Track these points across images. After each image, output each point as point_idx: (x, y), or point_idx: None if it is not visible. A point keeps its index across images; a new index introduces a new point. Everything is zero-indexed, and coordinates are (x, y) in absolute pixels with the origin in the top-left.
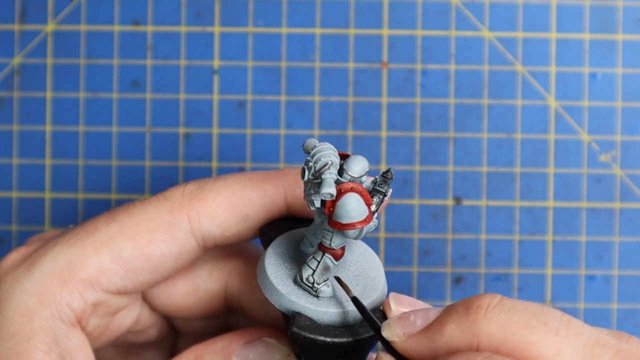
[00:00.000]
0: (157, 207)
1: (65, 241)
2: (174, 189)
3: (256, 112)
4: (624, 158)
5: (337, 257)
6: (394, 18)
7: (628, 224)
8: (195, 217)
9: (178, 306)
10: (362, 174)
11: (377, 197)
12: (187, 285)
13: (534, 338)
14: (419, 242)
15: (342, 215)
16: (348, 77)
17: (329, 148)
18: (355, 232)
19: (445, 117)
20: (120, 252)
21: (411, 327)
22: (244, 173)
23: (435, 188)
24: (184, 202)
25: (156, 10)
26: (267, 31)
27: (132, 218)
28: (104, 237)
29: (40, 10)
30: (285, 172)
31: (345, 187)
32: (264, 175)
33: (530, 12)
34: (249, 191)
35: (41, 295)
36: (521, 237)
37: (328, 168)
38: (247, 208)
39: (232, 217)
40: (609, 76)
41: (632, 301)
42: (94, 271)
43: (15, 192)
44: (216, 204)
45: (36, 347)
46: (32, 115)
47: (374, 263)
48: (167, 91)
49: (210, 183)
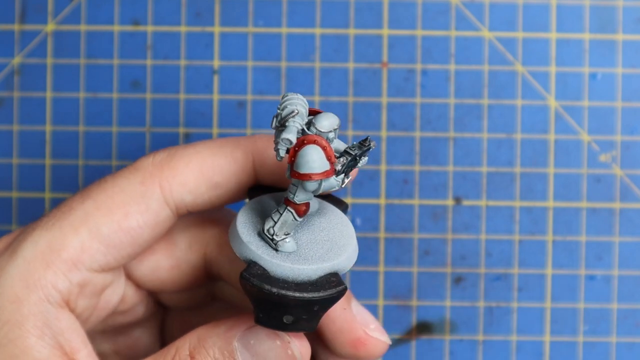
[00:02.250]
0: (128, 178)
1: (43, 225)
2: (144, 159)
3: (256, 112)
4: (624, 158)
5: (300, 213)
6: (394, 18)
7: (628, 224)
8: (166, 185)
9: (163, 281)
10: (330, 130)
11: (345, 157)
12: (170, 259)
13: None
14: (419, 242)
15: (301, 165)
16: (348, 77)
17: (298, 98)
18: (312, 185)
19: (445, 117)
20: (99, 229)
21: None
22: (214, 140)
23: (435, 188)
24: (155, 171)
25: (156, 10)
26: (267, 31)
27: (105, 193)
28: (81, 215)
29: (40, 10)
30: (254, 138)
31: (309, 139)
32: (234, 142)
33: (530, 12)
34: (219, 158)
35: (27, 280)
36: (521, 237)
37: (293, 116)
38: (217, 175)
39: (202, 184)
40: (609, 76)
41: (632, 301)
42: (75, 251)
43: (15, 192)
44: (187, 171)
45: (29, 333)
46: (32, 115)
47: (347, 232)
48: (167, 91)
49: (180, 150)
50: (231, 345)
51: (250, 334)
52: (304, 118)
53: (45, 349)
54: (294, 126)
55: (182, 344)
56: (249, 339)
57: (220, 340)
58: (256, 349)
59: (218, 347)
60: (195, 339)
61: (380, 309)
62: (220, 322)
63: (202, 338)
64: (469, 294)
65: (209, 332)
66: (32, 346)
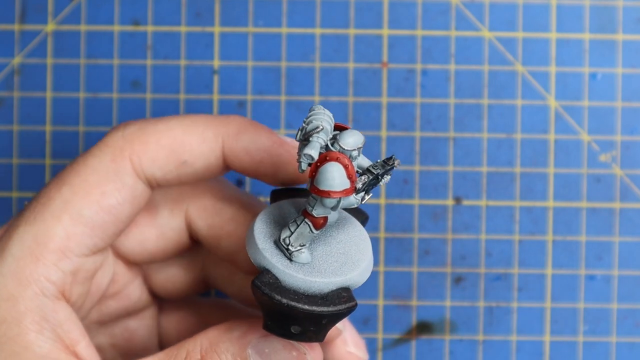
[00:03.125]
0: (99, 157)
1: (25, 219)
2: (114, 132)
3: (256, 112)
4: (624, 158)
5: (317, 226)
6: (394, 18)
7: (628, 224)
8: (137, 160)
9: (151, 252)
10: (353, 148)
11: (367, 176)
12: (154, 229)
13: None
14: (419, 242)
15: (321, 181)
16: (348, 77)
17: (325, 113)
18: (331, 202)
19: (445, 117)
20: (80, 213)
21: None
22: (186, 116)
23: (435, 188)
24: (126, 145)
25: (156, 10)
26: (267, 31)
27: (79, 176)
28: (60, 203)
29: (40, 10)
30: (228, 120)
31: (331, 156)
32: (206, 121)
33: (530, 12)
34: (190, 137)
35: (19, 277)
36: (521, 237)
37: (317, 132)
38: (186, 154)
39: (172, 162)
40: (609, 76)
41: (632, 301)
42: (61, 240)
43: (15, 192)
44: (158, 147)
45: (27, 329)
46: (32, 115)
47: (363, 247)
48: (167, 91)
49: (152, 124)
50: (245, 352)
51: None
52: (328, 134)
53: (46, 344)
54: (317, 142)
55: (193, 346)
56: (263, 347)
57: (233, 346)
58: (271, 358)
59: (231, 353)
60: (207, 342)
61: (380, 309)
62: (233, 325)
63: (214, 342)
64: (469, 294)
65: (221, 336)
66: (32, 342)
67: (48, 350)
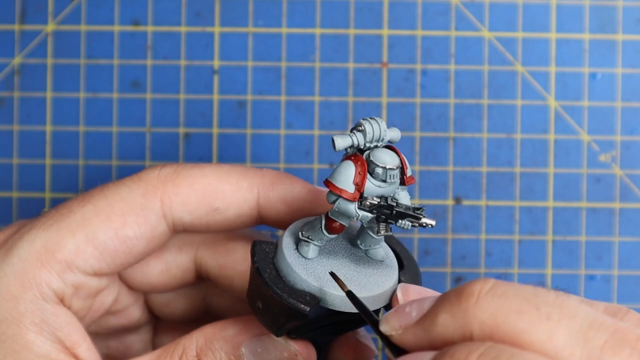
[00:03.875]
0: (131, 188)
1: (40, 224)
2: (150, 170)
3: (256, 112)
4: (623, 158)
5: (328, 227)
6: (394, 18)
7: (628, 224)
8: (167, 201)
9: (153, 284)
10: (378, 163)
11: (380, 201)
12: (160, 264)
13: (526, 324)
14: (419, 242)
15: (332, 172)
16: (348, 77)
17: (375, 122)
18: (330, 196)
19: (445, 117)
20: (95, 234)
21: (407, 319)
22: (222, 165)
23: (435, 188)
24: (159, 185)
25: (156, 10)
26: (267, 31)
27: (106, 200)
28: (79, 219)
29: (40, 10)
30: (263, 173)
31: (354, 158)
32: (241, 172)
33: (530, 12)
34: (224, 185)
35: (22, 278)
36: (521, 237)
37: (356, 129)
38: (219, 201)
39: (203, 207)
40: (609, 76)
41: (632, 301)
42: (70, 253)
43: (15, 192)
44: (190, 191)
45: (27, 329)
46: (32, 115)
47: (377, 288)
48: (167, 91)
49: (187, 169)
50: (239, 350)
51: (259, 342)
52: (366, 137)
53: (45, 344)
54: (349, 136)
55: (189, 343)
56: (256, 347)
57: (227, 345)
58: (264, 358)
59: (225, 351)
60: (202, 339)
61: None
62: (227, 323)
63: (209, 339)
64: None
65: (215, 334)
66: (32, 341)
67: (47, 351)
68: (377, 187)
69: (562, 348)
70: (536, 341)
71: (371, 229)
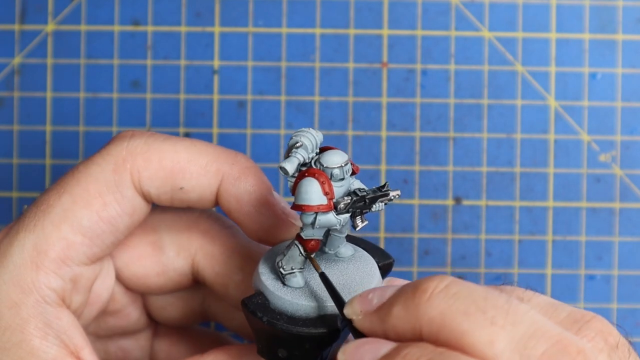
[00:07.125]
0: (101, 165)
1: (25, 226)
2: (118, 142)
3: (256, 112)
4: (623, 158)
5: (307, 248)
6: (394, 18)
7: (628, 224)
8: (136, 175)
9: (149, 286)
10: (334, 166)
11: (351, 198)
12: (157, 266)
13: (469, 327)
14: (419, 242)
15: (297, 196)
16: (348, 77)
17: (308, 132)
18: (307, 217)
19: (445, 117)
20: (80, 222)
21: (368, 306)
22: (195, 142)
23: (435, 188)
24: (128, 157)
25: (156, 10)
26: (267, 31)
27: (80, 185)
28: (60, 211)
29: (40, 10)
30: (233, 160)
31: (310, 172)
32: (213, 154)
33: (530, 12)
34: (192, 166)
35: (21, 284)
36: (521, 237)
37: (296, 148)
38: (185, 181)
39: (169, 184)
40: (609, 76)
41: (632, 301)
42: (61, 248)
43: (15, 192)
44: (159, 167)
45: (31, 335)
46: (32, 115)
47: (367, 284)
48: (167, 91)
49: (159, 142)
50: None
51: None
52: (308, 151)
53: (51, 349)
54: (294, 157)
55: None
56: None
57: None
58: None
59: None
60: None
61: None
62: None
63: None
64: None
65: None
66: (37, 347)
67: (54, 356)
68: (339, 187)
69: (500, 354)
70: (477, 344)
71: (340, 231)
